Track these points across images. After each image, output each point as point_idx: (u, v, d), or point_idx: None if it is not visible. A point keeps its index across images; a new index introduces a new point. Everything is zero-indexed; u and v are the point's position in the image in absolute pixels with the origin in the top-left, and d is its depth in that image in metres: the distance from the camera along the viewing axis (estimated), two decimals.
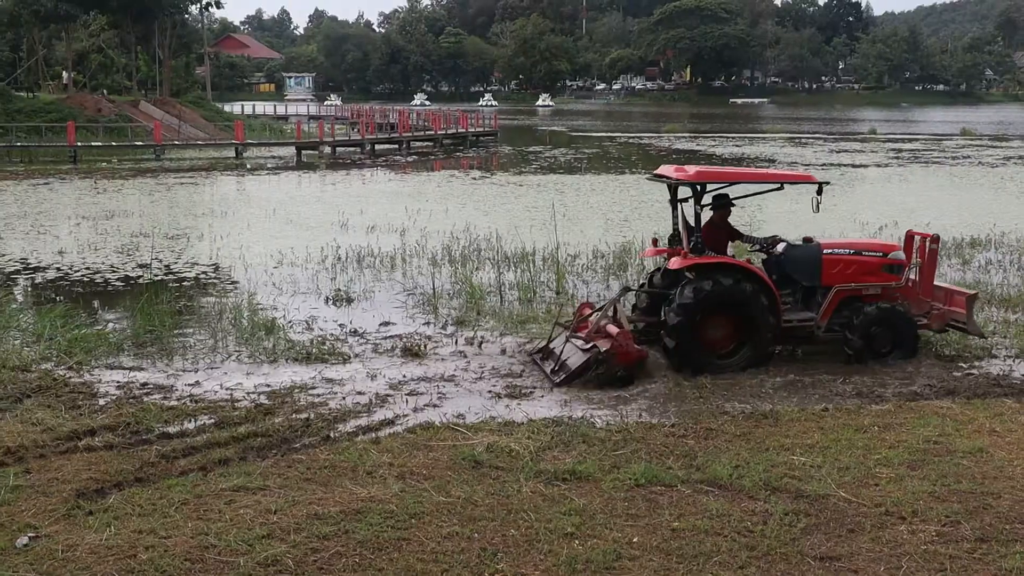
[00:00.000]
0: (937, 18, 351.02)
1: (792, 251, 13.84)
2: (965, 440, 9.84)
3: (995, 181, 41.82)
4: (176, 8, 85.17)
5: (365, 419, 10.80)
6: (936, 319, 13.79)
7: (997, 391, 11.92)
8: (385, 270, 20.32)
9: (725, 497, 8.43)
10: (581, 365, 12.38)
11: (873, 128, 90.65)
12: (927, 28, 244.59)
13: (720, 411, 11.10)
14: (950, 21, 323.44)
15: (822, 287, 13.60)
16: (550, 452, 9.56)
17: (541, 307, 16.80)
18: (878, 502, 8.26)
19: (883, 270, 13.73)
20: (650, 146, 68.38)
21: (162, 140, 55.96)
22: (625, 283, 17.47)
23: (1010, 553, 7.34)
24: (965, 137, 79.27)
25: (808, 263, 13.64)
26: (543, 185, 39.63)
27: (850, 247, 14.04)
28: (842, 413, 10.95)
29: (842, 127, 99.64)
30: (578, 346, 12.82)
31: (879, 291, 13.67)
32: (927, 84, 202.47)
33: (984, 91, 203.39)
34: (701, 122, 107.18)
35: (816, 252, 13.69)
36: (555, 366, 12.75)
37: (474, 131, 72.20)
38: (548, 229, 23.49)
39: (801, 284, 13.79)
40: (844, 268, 13.58)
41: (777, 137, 78.65)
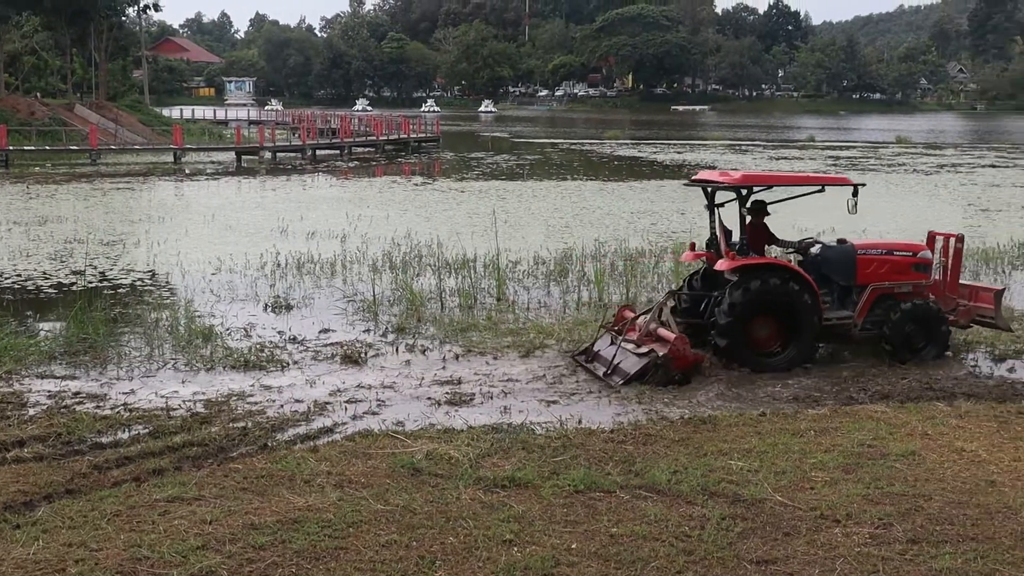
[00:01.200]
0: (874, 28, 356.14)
1: (828, 252, 14.34)
2: (898, 443, 9.95)
3: (929, 188, 42.48)
4: (113, 10, 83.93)
5: (303, 427, 10.72)
6: (963, 315, 14.40)
7: (929, 395, 12.10)
8: (325, 277, 20.18)
9: (663, 502, 8.45)
10: (640, 369, 12.61)
11: (811, 135, 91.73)
12: (864, 37, 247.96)
13: (660, 416, 11.14)
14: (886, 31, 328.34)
15: (857, 286, 14.05)
16: (489, 459, 9.53)
17: (482, 314, 16.77)
18: (813, 505, 8.33)
19: (913, 269, 14.27)
20: (592, 152, 68.64)
21: (98, 144, 55.21)
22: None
23: (940, 554, 7.43)
24: (900, 145, 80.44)
25: (844, 263, 14.13)
26: (485, 191, 39.64)
27: (882, 247, 14.57)
28: (779, 418, 11.04)
29: (781, 134, 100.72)
30: (631, 350, 12.97)
31: (910, 289, 14.14)
32: (864, 93, 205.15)
33: (919, 100, 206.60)
34: (643, 129, 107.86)
35: (851, 252, 14.17)
36: (608, 370, 12.92)
37: (416, 137, 72.11)
38: (489, 235, 23.47)
39: (837, 284, 14.21)
40: (878, 267, 14.09)
41: (718, 144, 79.32)
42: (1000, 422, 10.84)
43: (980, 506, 8.33)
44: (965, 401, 11.79)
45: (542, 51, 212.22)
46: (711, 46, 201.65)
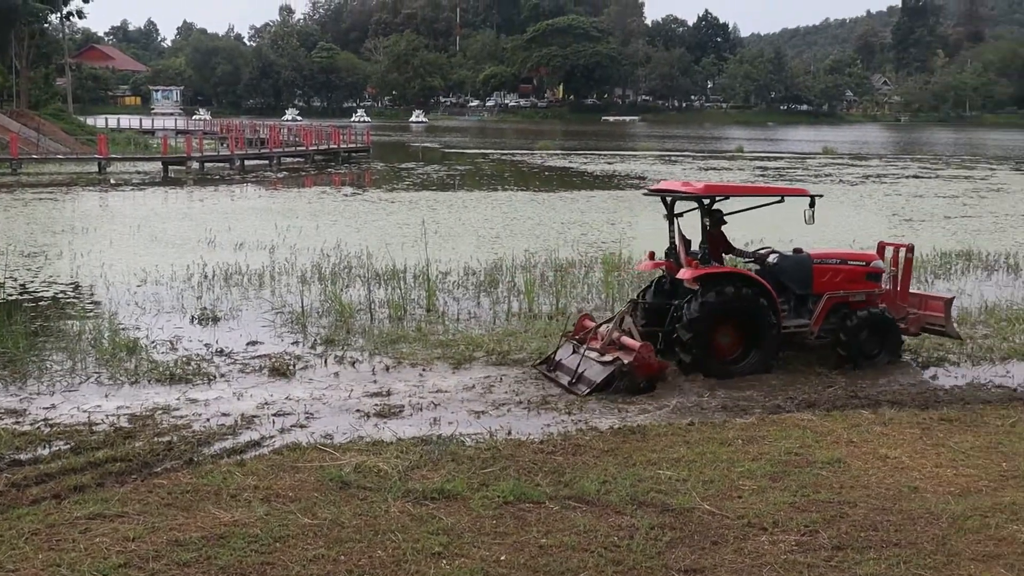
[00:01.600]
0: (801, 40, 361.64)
1: (784, 261, 14.54)
2: (824, 451, 10.08)
3: (855, 198, 43.14)
4: (34, 17, 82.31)
5: (230, 441, 10.58)
6: (913, 323, 14.80)
7: (855, 403, 12.27)
8: (253, 288, 19.96)
9: (592, 513, 8.47)
10: (605, 378, 12.68)
11: (740, 146, 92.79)
12: (791, 50, 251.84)
13: (589, 427, 11.17)
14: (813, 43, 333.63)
15: (813, 295, 14.35)
16: (419, 471, 9.49)
17: (411, 325, 16.69)
18: (741, 514, 8.40)
19: (866, 278, 14.56)
20: (523, 163, 68.79)
21: (19, 154, 54.12)
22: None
23: (864, 560, 7.53)
24: (827, 155, 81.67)
25: (801, 272, 14.41)
26: (415, 202, 39.54)
27: (837, 257, 14.87)
28: (708, 427, 11.13)
29: (710, 145, 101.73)
30: (595, 359, 13.03)
31: (864, 298, 14.45)
32: (792, 104, 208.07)
33: (845, 112, 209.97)
34: (573, 139, 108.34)
35: (808, 262, 14.47)
36: (572, 379, 12.97)
37: (346, 147, 71.76)
38: (419, 246, 23.41)
39: (794, 292, 14.44)
40: (833, 276, 14.40)
41: (648, 155, 79.89)
42: (923, 429, 11.04)
43: (903, 512, 8.47)
44: (889, 409, 11.99)
45: (473, 61, 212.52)
46: (641, 57, 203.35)
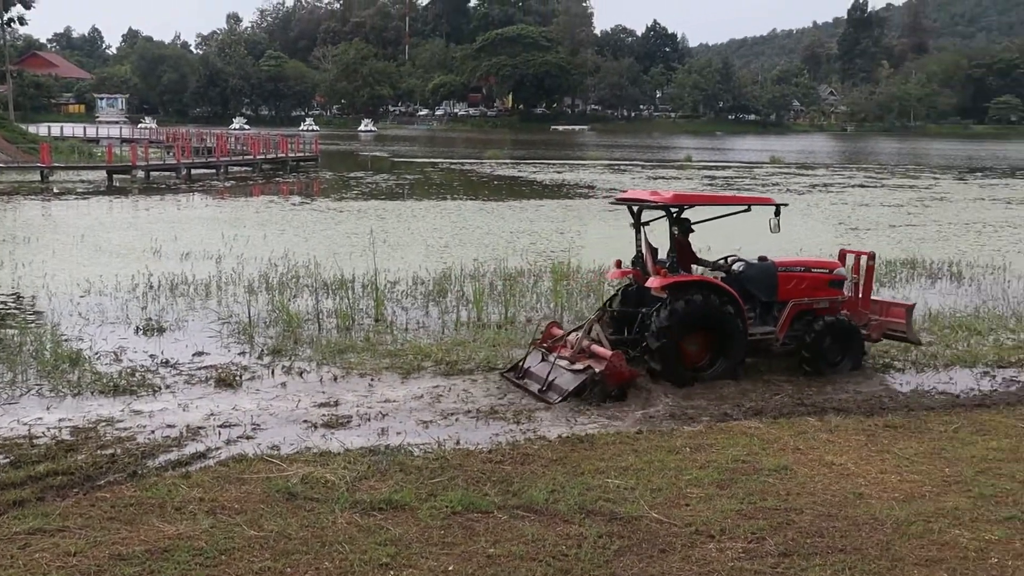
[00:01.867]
0: (748, 50, 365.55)
1: (750, 270, 14.72)
2: (771, 458, 10.15)
3: (802, 207, 43.56)
4: None
5: (175, 453, 10.44)
6: (875, 329, 15.05)
7: (801, 410, 12.37)
8: (200, 298, 19.76)
9: (541, 522, 8.46)
10: (578, 386, 12.73)
11: (689, 155, 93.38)
12: (739, 60, 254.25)
13: (537, 436, 11.16)
14: (760, 54, 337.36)
15: (778, 302, 14.55)
16: (367, 482, 9.42)
17: (359, 335, 16.61)
18: (688, 521, 8.43)
19: (829, 285, 14.77)
20: (472, 172, 68.80)
21: None
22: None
23: (811, 566, 7.58)
24: (774, 165, 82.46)
25: (766, 280, 14.61)
26: (364, 211, 39.40)
27: (801, 264, 15.11)
28: (656, 435, 11.16)
29: (659, 154, 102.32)
30: (566, 367, 13.09)
31: (827, 305, 14.66)
32: (740, 114, 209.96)
33: (792, 121, 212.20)
34: (523, 148, 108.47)
35: (773, 270, 14.67)
36: (543, 387, 13.01)
37: (294, 156, 71.37)
38: (368, 255, 23.32)
39: (759, 300, 14.57)
40: (797, 284, 14.62)
41: (597, 164, 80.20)
42: (868, 435, 11.15)
43: (848, 518, 8.54)
44: (835, 416, 12.10)
45: (422, 70, 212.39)
46: (590, 67, 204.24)
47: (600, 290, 20.19)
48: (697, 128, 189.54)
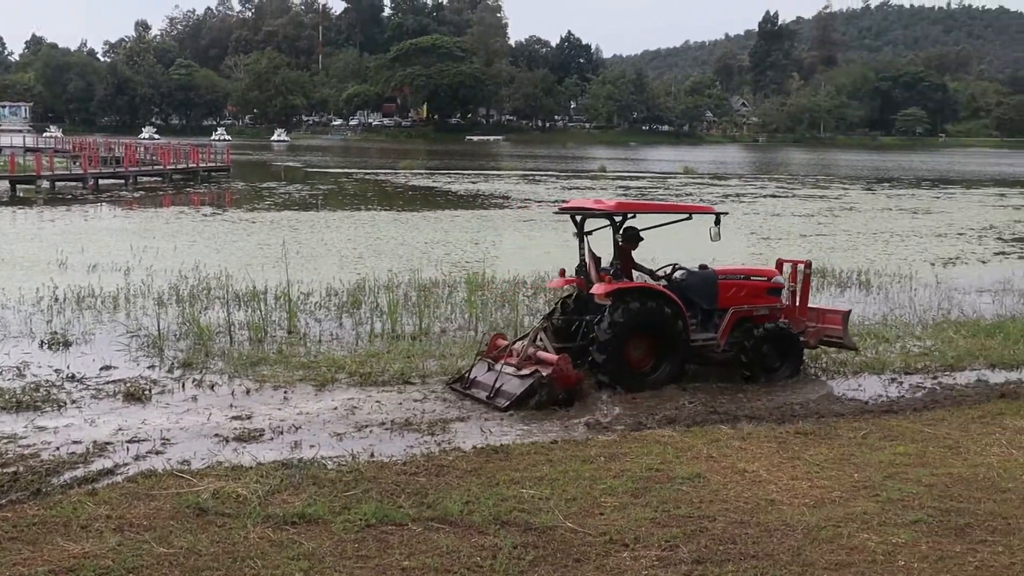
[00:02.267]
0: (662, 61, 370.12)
1: (691, 277, 15.01)
2: (684, 467, 10.21)
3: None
4: None
5: (81, 470, 10.18)
6: (812, 336, 15.42)
7: (714, 418, 12.48)
8: (107, 311, 19.36)
9: (455, 533, 8.40)
10: (525, 390, 12.82)
11: (603, 166, 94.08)
12: (652, 71, 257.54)
13: (452, 447, 11.10)
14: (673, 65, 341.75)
15: (719, 309, 14.84)
16: (279, 495, 9.28)
17: (272, 347, 16.42)
18: (603, 531, 8.44)
19: (768, 293, 15.13)
20: (387, 182, 68.57)
21: None
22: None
23: (724, 573, 7.64)
24: (687, 175, 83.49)
25: (707, 288, 14.90)
26: (277, 222, 39.04)
27: (740, 273, 15.57)
28: (570, 445, 11.17)
29: (574, 164, 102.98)
30: (512, 373, 13.21)
31: (766, 312, 15.01)
32: (653, 124, 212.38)
33: (704, 132, 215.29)
34: (438, 159, 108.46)
35: (713, 277, 15.00)
36: (490, 393, 13.07)
37: (206, 166, 70.46)
38: (281, 267, 23.05)
39: (701, 307, 14.80)
40: (737, 291, 14.97)
41: (512, 174, 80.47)
42: (779, 443, 11.28)
43: (760, 524, 8.62)
44: (747, 423, 12.24)
45: (336, 80, 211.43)
46: (505, 77, 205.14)
47: (515, 300, 20.23)
48: (611, 138, 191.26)
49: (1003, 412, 12.87)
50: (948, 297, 23.30)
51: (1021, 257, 33.28)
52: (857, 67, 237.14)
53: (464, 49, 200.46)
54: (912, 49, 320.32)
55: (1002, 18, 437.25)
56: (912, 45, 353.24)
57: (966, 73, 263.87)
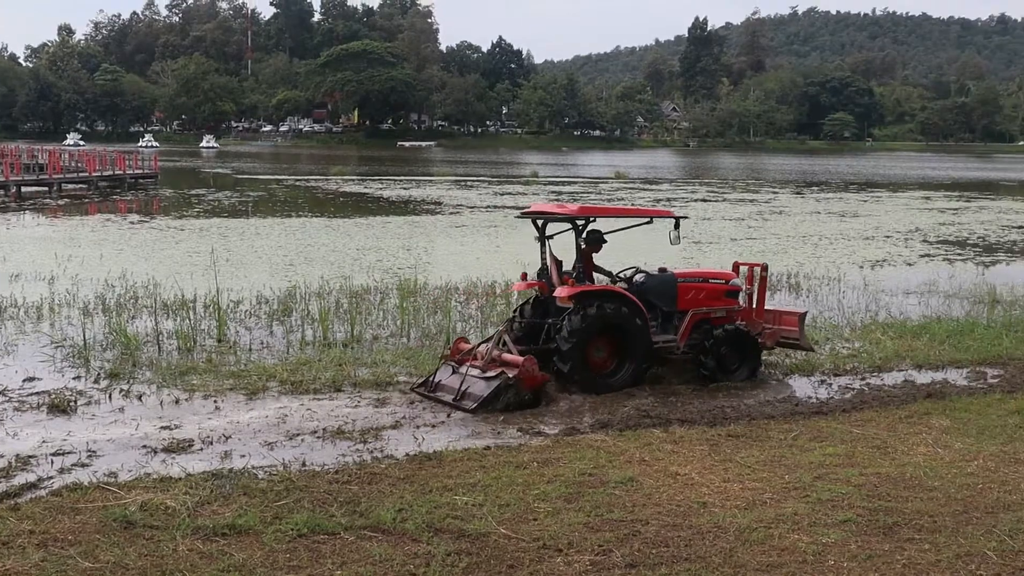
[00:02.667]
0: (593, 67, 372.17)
1: (651, 280, 15.27)
2: (617, 471, 10.24)
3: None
4: None
5: (3, 484, 9.93)
6: (769, 337, 15.58)
7: (646, 422, 12.52)
8: (31, 321, 18.97)
9: (388, 541, 8.34)
10: (492, 392, 12.95)
11: (535, 171, 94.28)
12: (584, 76, 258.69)
13: (385, 455, 11.02)
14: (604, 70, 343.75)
15: (678, 312, 15.11)
16: (209, 507, 9.14)
17: (202, 356, 16.19)
18: (536, 536, 8.43)
19: (726, 295, 15.40)
20: (318, 189, 68.14)
21: None
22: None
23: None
24: (619, 180, 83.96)
25: (666, 290, 15.18)
26: (206, 229, 38.60)
27: (699, 276, 15.89)
28: (503, 451, 11.14)
29: (506, 170, 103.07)
30: (478, 376, 13.34)
31: (724, 314, 15.31)
32: (585, 130, 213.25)
33: (636, 137, 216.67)
34: (369, 164, 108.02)
35: (673, 280, 15.29)
36: (456, 396, 13.20)
37: (133, 173, 69.46)
38: (210, 275, 22.77)
39: (660, 309, 15.04)
40: (696, 294, 15.28)
41: (444, 180, 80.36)
42: (711, 445, 11.35)
43: (693, 527, 8.66)
44: (679, 427, 12.29)
45: (265, 86, 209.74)
46: (436, 83, 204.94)
47: (448, 306, 20.17)
48: (543, 144, 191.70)
49: (929, 412, 13.09)
50: (875, 299, 23.65)
51: (946, 259, 33.88)
52: (786, 72, 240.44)
53: (395, 54, 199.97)
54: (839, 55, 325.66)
55: (924, 24, 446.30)
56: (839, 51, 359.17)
57: (891, 78, 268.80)
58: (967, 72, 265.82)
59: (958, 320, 20.45)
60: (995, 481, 9.99)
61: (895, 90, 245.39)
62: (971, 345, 17.71)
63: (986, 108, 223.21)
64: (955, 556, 8.05)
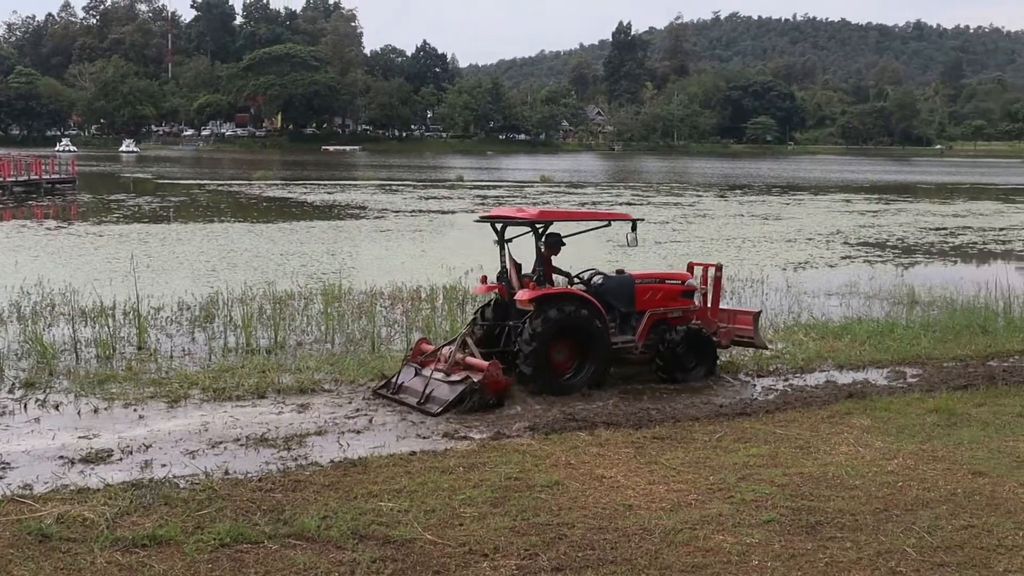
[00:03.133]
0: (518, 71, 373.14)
1: (609, 282, 15.47)
2: (543, 475, 10.22)
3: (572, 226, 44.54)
4: None
5: None
6: (724, 336, 15.93)
7: (572, 425, 12.51)
8: None
9: (313, 549, 8.24)
10: (457, 396, 13.07)
11: (460, 175, 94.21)
12: (509, 80, 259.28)
13: (309, 462, 10.89)
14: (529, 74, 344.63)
15: (636, 312, 15.33)
16: (129, 518, 8.95)
17: (121, 364, 15.89)
18: (462, 541, 8.38)
19: (682, 296, 15.61)
20: (240, 194, 67.41)
21: None
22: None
23: None
24: (544, 184, 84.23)
25: (624, 292, 15.39)
26: (126, 235, 37.98)
27: (655, 277, 16.14)
28: (429, 456, 11.07)
29: (431, 174, 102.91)
30: (443, 379, 13.45)
31: (680, 314, 15.55)
32: (510, 133, 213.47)
33: (561, 141, 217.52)
34: (293, 169, 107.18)
35: (630, 281, 15.52)
36: (421, 399, 13.24)
37: (49, 178, 68.11)
38: (130, 281, 22.38)
39: (619, 310, 15.21)
40: (653, 295, 15.51)
41: (369, 184, 79.98)
42: (636, 448, 11.39)
43: (619, 530, 8.68)
44: (605, 430, 12.29)
45: (187, 89, 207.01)
46: (360, 87, 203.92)
47: (373, 311, 20.04)
48: (468, 148, 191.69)
49: (850, 412, 13.28)
50: (798, 301, 23.99)
51: (866, 261, 34.49)
52: (708, 76, 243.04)
53: (318, 58, 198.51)
54: (761, 59, 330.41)
55: (843, 30, 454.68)
56: (761, 55, 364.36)
57: (812, 83, 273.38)
58: (885, 77, 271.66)
59: (878, 321, 20.80)
60: (914, 479, 10.16)
61: (816, 94, 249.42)
62: (891, 345, 18.03)
63: (904, 112, 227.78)
64: (876, 554, 8.16)
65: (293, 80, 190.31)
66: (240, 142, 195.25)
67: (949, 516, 9.01)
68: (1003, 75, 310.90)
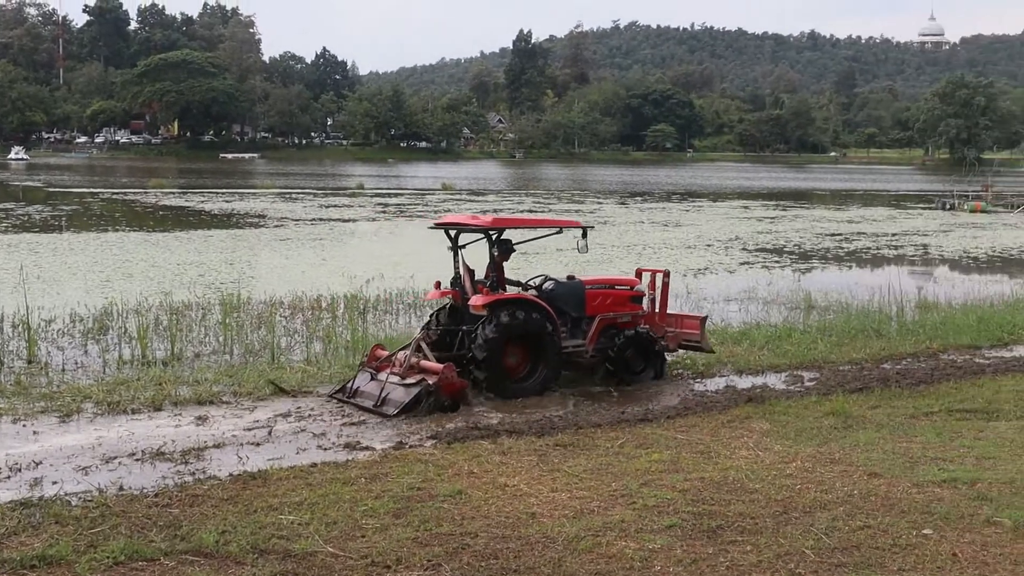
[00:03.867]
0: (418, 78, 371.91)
1: (560, 287, 15.81)
2: (446, 484, 10.16)
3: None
4: None
5: None
6: (672, 340, 16.41)
7: (475, 434, 12.46)
8: None
9: (211, 565, 8.06)
10: (413, 398, 13.31)
11: (361, 183, 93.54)
12: (409, 88, 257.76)
13: (208, 476, 10.67)
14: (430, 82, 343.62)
15: (587, 317, 15.67)
16: (16, 538, 8.65)
17: (10, 378, 15.43)
18: (364, 553, 8.28)
19: (631, 301, 15.98)
20: (136, 202, 66.12)
21: None
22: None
23: None
24: (446, 191, 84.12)
25: (575, 297, 15.73)
26: (15, 245, 36.96)
27: (605, 282, 16.56)
28: (330, 467, 10.93)
29: (331, 182, 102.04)
30: (398, 382, 13.66)
31: (629, 319, 15.92)
32: (411, 141, 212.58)
33: (462, 148, 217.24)
34: (190, 177, 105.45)
35: (580, 287, 15.87)
36: (377, 402, 13.47)
37: None
38: (19, 292, 21.74)
39: (569, 315, 15.46)
40: (603, 300, 15.87)
41: (268, 192, 79.05)
42: (539, 455, 11.38)
43: (522, 538, 8.65)
44: (508, 438, 12.27)
45: (80, 95, 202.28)
46: (259, 93, 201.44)
47: (272, 321, 19.78)
48: (369, 155, 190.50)
49: (750, 416, 13.46)
50: (698, 306, 24.26)
51: (764, 267, 35.08)
52: (608, 84, 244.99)
53: (216, 65, 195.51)
54: (660, 68, 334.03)
55: (740, 39, 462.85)
56: (660, 64, 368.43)
57: (710, 91, 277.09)
58: (781, 85, 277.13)
59: (776, 326, 21.14)
60: (812, 481, 10.31)
61: (714, 102, 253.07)
62: (789, 350, 18.34)
63: (799, 120, 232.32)
64: (775, 556, 8.25)
65: (190, 86, 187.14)
66: (135, 149, 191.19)
67: (846, 517, 9.15)
68: (893, 84, 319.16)
